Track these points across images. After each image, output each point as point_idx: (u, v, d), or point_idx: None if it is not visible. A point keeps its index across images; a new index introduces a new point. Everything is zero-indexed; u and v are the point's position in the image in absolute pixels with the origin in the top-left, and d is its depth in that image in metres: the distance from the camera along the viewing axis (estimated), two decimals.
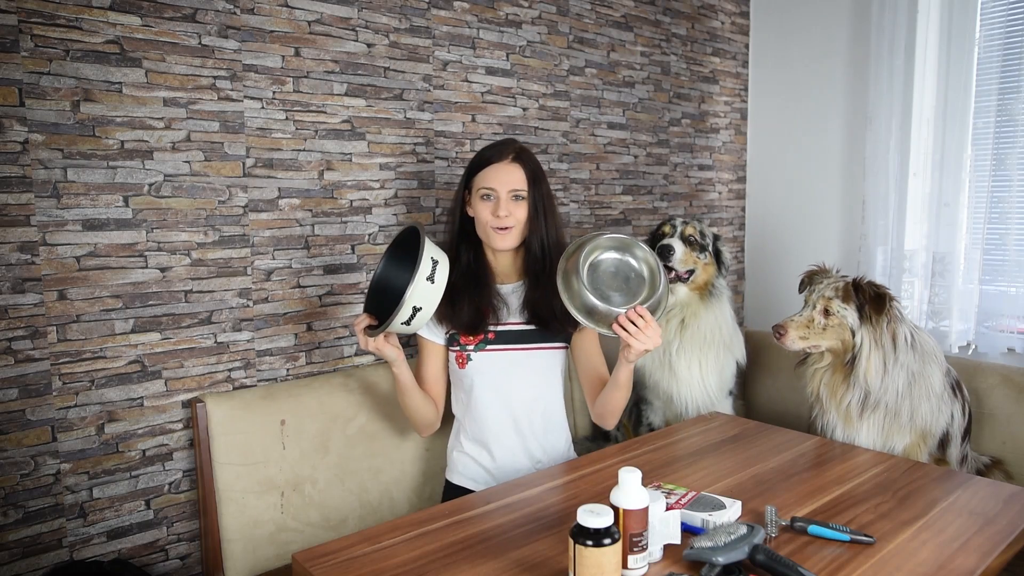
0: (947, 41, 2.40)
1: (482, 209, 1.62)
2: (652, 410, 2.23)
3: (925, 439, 1.79)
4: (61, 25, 1.50)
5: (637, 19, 2.63)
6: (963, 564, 1.14)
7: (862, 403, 1.73)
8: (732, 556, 1.08)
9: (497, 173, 1.61)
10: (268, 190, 1.81)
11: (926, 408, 1.75)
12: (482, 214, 1.63)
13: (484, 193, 1.62)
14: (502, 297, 1.70)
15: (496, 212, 1.60)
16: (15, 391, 1.51)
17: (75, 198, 1.55)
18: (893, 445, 1.77)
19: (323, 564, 1.15)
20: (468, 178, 1.67)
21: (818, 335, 1.75)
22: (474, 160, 1.68)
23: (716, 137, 2.98)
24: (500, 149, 1.64)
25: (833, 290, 1.74)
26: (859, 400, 1.73)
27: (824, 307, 1.74)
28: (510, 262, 1.72)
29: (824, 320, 1.74)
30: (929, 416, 1.76)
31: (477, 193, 1.63)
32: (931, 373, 1.76)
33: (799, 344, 1.77)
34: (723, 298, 2.12)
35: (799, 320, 1.77)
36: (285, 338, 1.87)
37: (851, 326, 1.72)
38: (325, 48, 1.87)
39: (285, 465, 1.73)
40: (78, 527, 1.60)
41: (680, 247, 2.03)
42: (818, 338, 1.76)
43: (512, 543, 1.22)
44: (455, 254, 1.68)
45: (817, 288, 1.78)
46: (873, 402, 1.72)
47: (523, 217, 1.63)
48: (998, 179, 2.37)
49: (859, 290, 1.73)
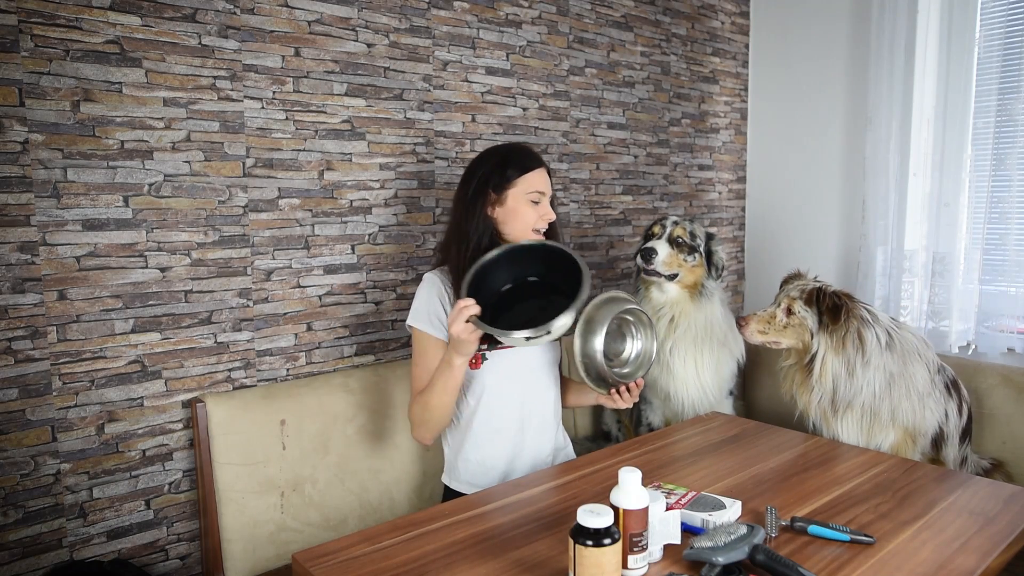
0: (947, 41, 2.40)
1: (530, 211, 1.64)
2: (651, 409, 2.23)
3: (914, 438, 1.81)
4: (61, 25, 1.50)
5: (637, 19, 2.63)
6: (963, 564, 1.14)
7: (831, 402, 1.78)
8: (732, 556, 1.08)
9: (543, 178, 1.67)
10: (268, 190, 1.81)
11: (907, 406, 1.78)
12: (529, 216, 1.64)
13: (535, 198, 1.65)
14: None
15: (546, 216, 1.66)
16: (15, 391, 1.51)
17: (75, 198, 1.55)
18: (879, 443, 1.80)
19: (323, 564, 1.15)
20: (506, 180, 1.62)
21: (778, 332, 1.84)
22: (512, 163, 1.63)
23: (716, 137, 2.98)
24: (533, 155, 1.69)
25: (799, 291, 1.83)
26: (828, 400, 1.78)
27: (788, 306, 1.82)
28: None
29: (786, 319, 1.82)
30: (912, 414, 1.78)
31: (525, 196, 1.63)
32: (913, 372, 1.78)
33: (758, 337, 1.86)
34: (713, 299, 2.12)
35: (761, 315, 1.86)
36: (285, 338, 1.87)
37: (811, 328, 1.78)
38: (325, 48, 1.87)
39: (285, 465, 1.73)
40: (78, 527, 1.60)
41: (664, 250, 2.03)
42: (777, 335, 1.84)
43: (512, 543, 1.22)
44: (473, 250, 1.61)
45: (786, 288, 1.88)
46: (843, 401, 1.76)
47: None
48: (998, 179, 2.37)
49: (820, 297, 1.78)
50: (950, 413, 1.84)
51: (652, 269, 2.03)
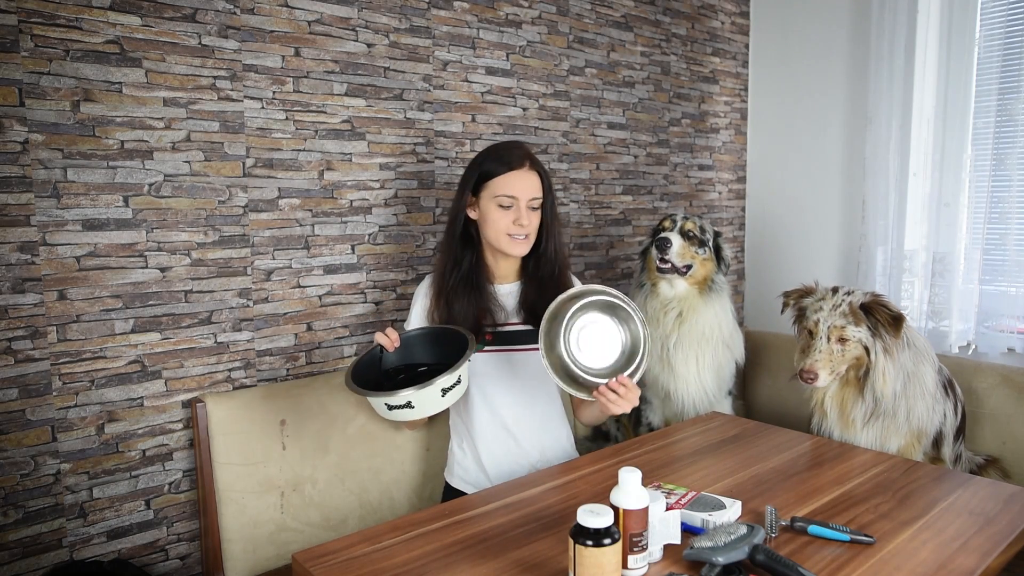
0: (947, 41, 2.40)
1: (500, 216, 1.58)
2: (651, 409, 2.24)
3: (920, 438, 1.80)
4: (61, 25, 1.50)
5: (637, 19, 2.63)
6: (963, 564, 1.14)
7: (870, 413, 1.74)
8: (732, 556, 1.08)
9: (518, 180, 1.58)
10: (268, 190, 1.81)
11: (921, 407, 1.76)
12: (499, 221, 1.59)
13: (504, 202, 1.58)
14: (498, 299, 1.69)
15: (519, 221, 1.57)
16: (15, 391, 1.51)
17: (75, 198, 1.55)
18: (889, 447, 1.78)
19: (323, 564, 1.15)
20: (479, 181, 1.62)
21: (841, 362, 1.74)
22: (486, 164, 1.62)
23: (716, 137, 2.98)
24: (516, 154, 1.60)
25: (842, 316, 1.71)
26: (868, 410, 1.73)
27: (839, 336, 1.72)
28: (511, 263, 1.71)
29: (842, 347, 1.72)
30: (924, 415, 1.77)
31: (493, 200, 1.58)
32: (924, 372, 1.77)
33: (830, 379, 1.74)
34: (723, 294, 2.12)
35: (822, 358, 1.72)
36: (285, 338, 1.87)
37: (865, 343, 1.71)
38: (325, 48, 1.87)
39: (285, 465, 1.73)
40: (78, 527, 1.60)
41: (678, 241, 2.03)
42: (841, 365, 1.74)
43: (512, 543, 1.22)
44: (454, 256, 1.66)
45: (820, 316, 1.74)
46: (881, 411, 1.73)
47: (538, 223, 1.63)
48: (998, 179, 2.37)
49: (869, 311, 1.71)
50: (947, 413, 1.84)
51: (667, 260, 2.02)
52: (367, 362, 1.50)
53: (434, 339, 1.57)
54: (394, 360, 1.54)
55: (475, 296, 1.65)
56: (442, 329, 1.58)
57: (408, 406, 1.36)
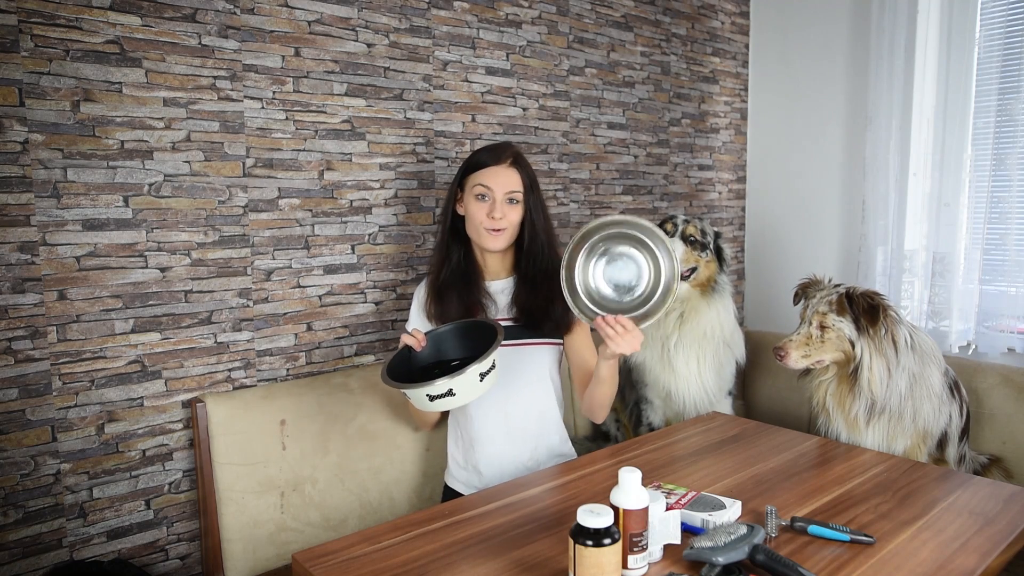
0: (947, 41, 2.40)
1: (476, 209, 1.62)
2: (652, 409, 2.23)
3: (925, 440, 1.79)
4: (61, 25, 1.50)
5: (637, 19, 2.63)
6: (963, 564, 1.14)
7: (869, 411, 1.73)
8: (732, 556, 1.08)
9: (495, 174, 1.62)
10: (268, 190, 1.81)
11: (928, 409, 1.75)
12: (476, 214, 1.62)
13: (480, 193, 1.61)
14: (491, 295, 1.70)
15: (491, 214, 1.60)
16: (15, 391, 1.51)
17: (75, 198, 1.55)
18: (895, 448, 1.77)
19: (323, 564, 1.15)
20: (462, 177, 1.68)
21: (818, 350, 1.75)
22: (470, 160, 1.68)
23: (716, 137, 2.98)
24: (498, 152, 1.65)
25: (827, 304, 1.74)
26: (866, 409, 1.72)
27: (819, 322, 1.74)
28: (499, 260, 1.72)
29: (821, 334, 1.74)
30: (931, 417, 1.76)
31: (471, 192, 1.63)
32: (931, 374, 1.76)
33: (802, 363, 1.76)
34: (725, 294, 2.12)
35: (797, 339, 1.76)
36: (285, 338, 1.87)
37: (849, 337, 1.71)
38: (325, 48, 1.87)
39: (285, 465, 1.73)
40: (78, 527, 1.60)
41: (680, 247, 2.03)
42: (819, 353, 1.75)
43: (512, 543, 1.22)
44: (446, 251, 1.70)
45: (811, 303, 1.77)
46: (879, 409, 1.72)
47: (516, 220, 1.64)
48: (998, 179, 2.37)
49: (852, 301, 1.72)
50: (953, 414, 1.84)
51: None
52: (398, 361, 1.51)
53: (462, 333, 1.58)
54: (426, 358, 1.54)
55: (466, 291, 1.66)
56: (468, 323, 1.59)
57: (449, 394, 1.37)
